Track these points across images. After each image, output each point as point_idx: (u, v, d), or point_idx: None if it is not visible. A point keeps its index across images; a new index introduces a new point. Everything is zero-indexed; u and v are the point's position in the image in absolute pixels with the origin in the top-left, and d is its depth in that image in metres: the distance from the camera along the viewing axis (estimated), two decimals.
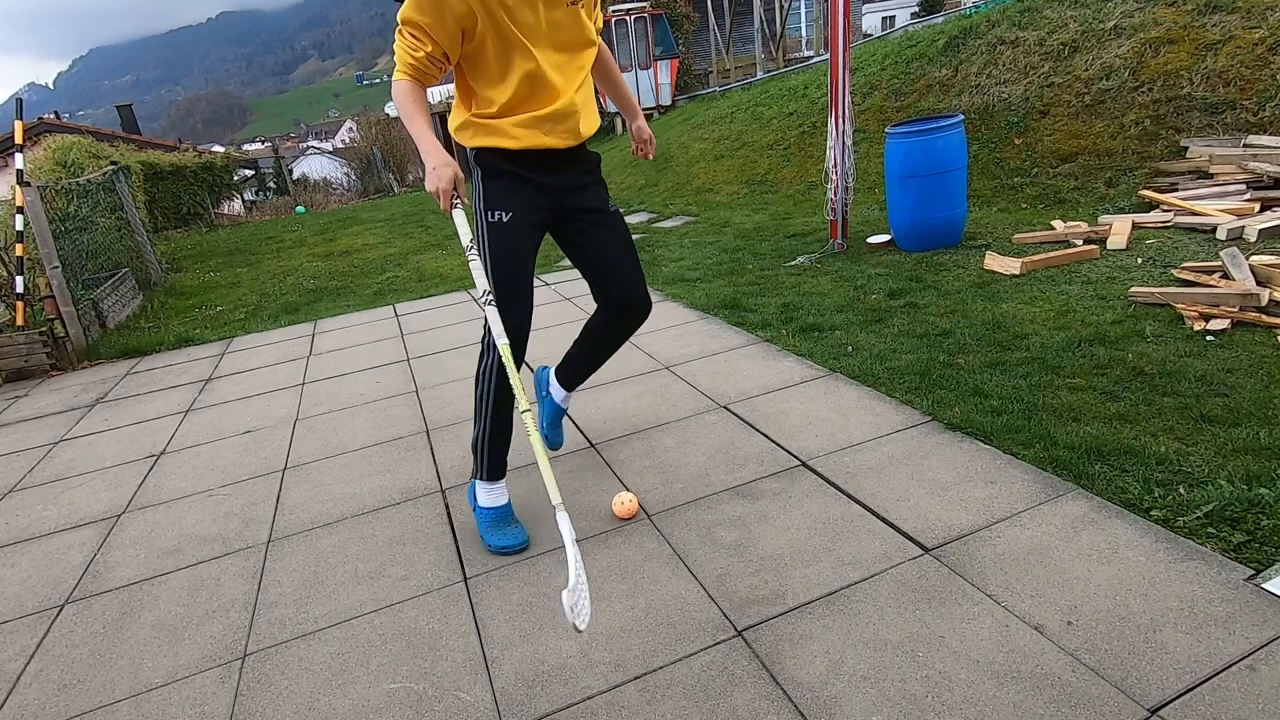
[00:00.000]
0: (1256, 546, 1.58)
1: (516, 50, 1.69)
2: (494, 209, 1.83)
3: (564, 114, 1.79)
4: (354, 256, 7.64)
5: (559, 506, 1.50)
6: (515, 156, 1.81)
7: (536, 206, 1.87)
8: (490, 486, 2.01)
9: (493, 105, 1.76)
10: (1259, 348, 2.55)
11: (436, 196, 1.72)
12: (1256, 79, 4.67)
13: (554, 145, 1.82)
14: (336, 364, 3.92)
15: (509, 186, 1.84)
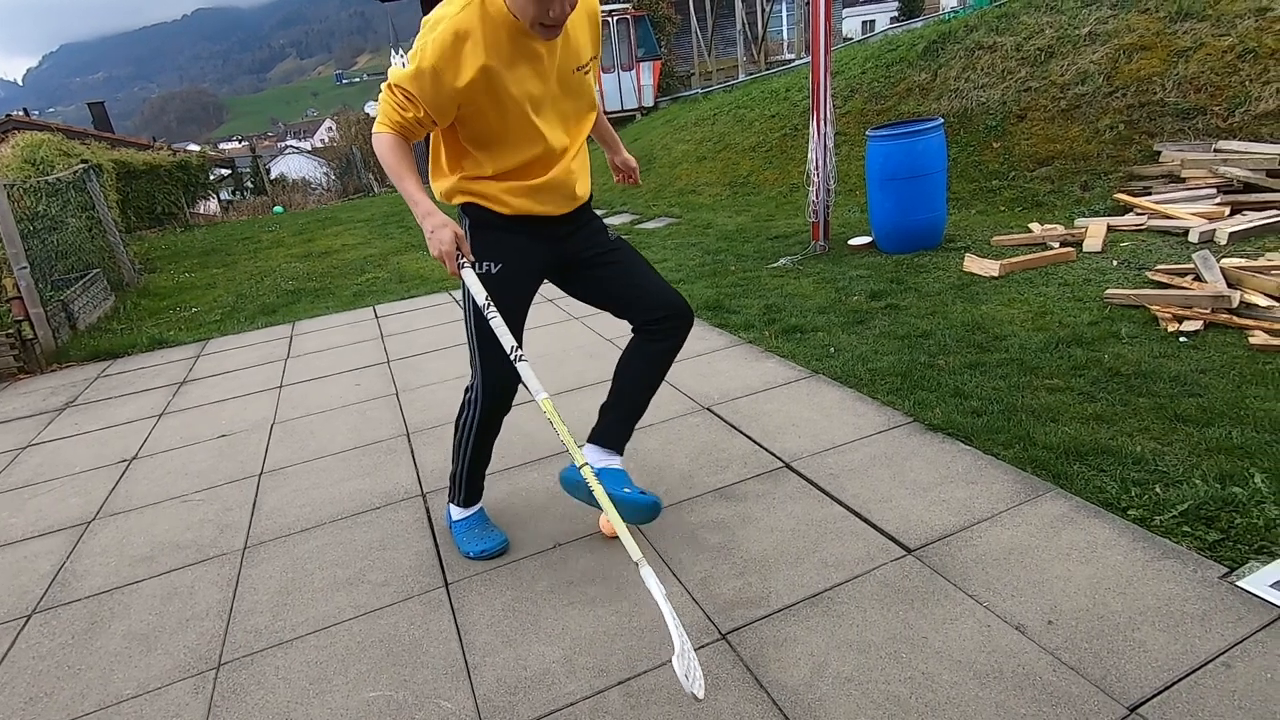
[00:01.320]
0: (1230, 545, 1.61)
1: (516, 119, 1.58)
2: (482, 260, 1.69)
3: (560, 183, 1.69)
4: (333, 257, 7.54)
5: (641, 562, 1.37)
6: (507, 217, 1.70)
7: (531, 257, 1.75)
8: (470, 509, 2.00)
9: (485, 169, 1.65)
10: (1231, 349, 2.60)
11: (440, 260, 1.59)
12: (1226, 85, 4.77)
13: (549, 213, 1.71)
14: (315, 366, 3.86)
15: (500, 239, 1.71)
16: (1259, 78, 4.66)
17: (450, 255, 1.58)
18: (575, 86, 1.66)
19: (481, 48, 1.47)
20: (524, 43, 1.51)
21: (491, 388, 1.76)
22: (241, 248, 9.12)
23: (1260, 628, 1.36)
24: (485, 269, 1.69)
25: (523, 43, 1.51)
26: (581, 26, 1.61)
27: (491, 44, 1.48)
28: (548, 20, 1.45)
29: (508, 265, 1.71)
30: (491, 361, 1.72)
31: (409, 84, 1.50)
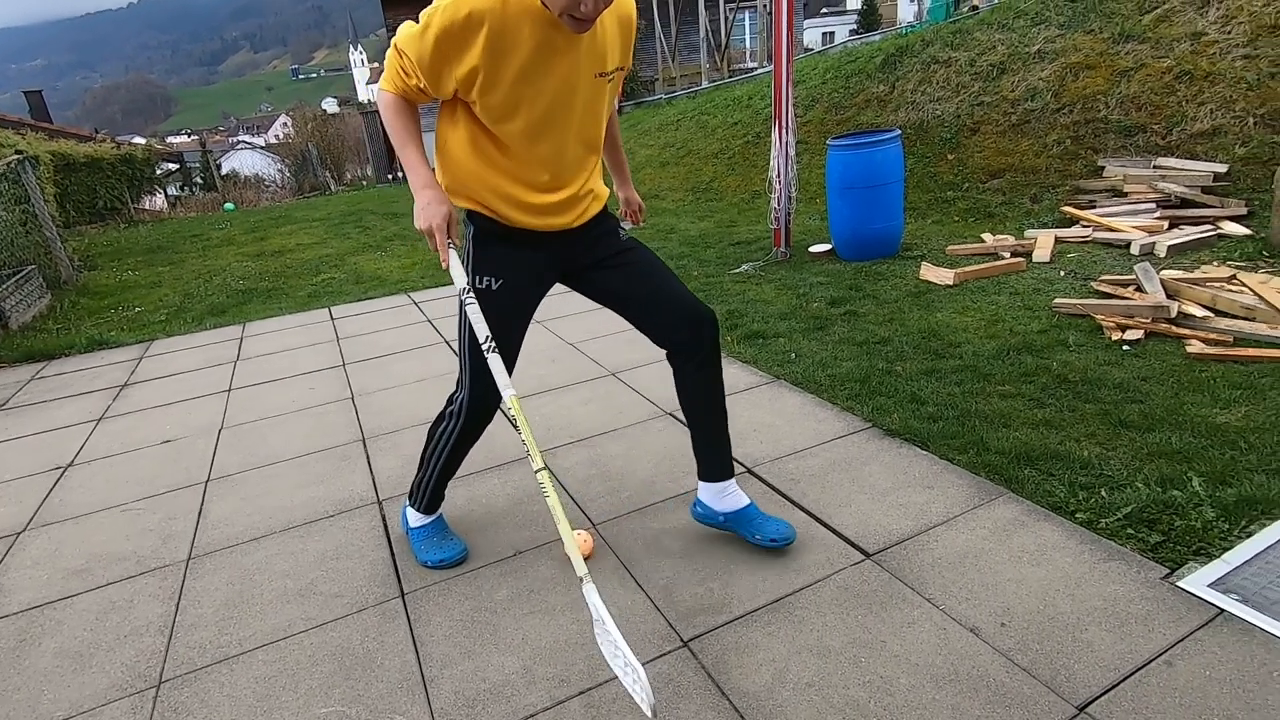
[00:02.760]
0: (1171, 546, 1.67)
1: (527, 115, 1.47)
2: (482, 275, 1.63)
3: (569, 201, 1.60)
4: (287, 257, 7.33)
5: (585, 578, 1.37)
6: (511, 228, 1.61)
7: (534, 269, 1.67)
8: (429, 516, 1.94)
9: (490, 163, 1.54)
10: (1170, 357, 2.71)
11: (427, 236, 1.51)
12: (1165, 105, 5.00)
13: (556, 228, 1.63)
14: (267, 369, 3.74)
15: (504, 252, 1.63)
16: (1194, 99, 4.89)
17: (439, 230, 1.51)
18: (594, 92, 1.53)
19: (490, 40, 1.36)
20: (549, 34, 1.39)
21: (478, 402, 1.70)
22: (190, 245, 8.80)
23: (1199, 626, 1.42)
24: (486, 284, 1.62)
25: (548, 34, 1.39)
26: (612, 29, 1.49)
27: (507, 35, 1.37)
28: (579, 13, 1.33)
29: (508, 282, 1.64)
30: (480, 371, 1.62)
31: (410, 49, 1.41)
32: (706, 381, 1.74)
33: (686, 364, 1.74)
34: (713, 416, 1.78)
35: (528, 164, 1.53)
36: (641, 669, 1.20)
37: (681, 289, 1.71)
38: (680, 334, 1.70)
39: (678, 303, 1.69)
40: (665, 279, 1.72)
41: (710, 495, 1.82)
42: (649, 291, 1.70)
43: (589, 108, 1.54)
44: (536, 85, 1.43)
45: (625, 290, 1.72)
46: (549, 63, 1.42)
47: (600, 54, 1.49)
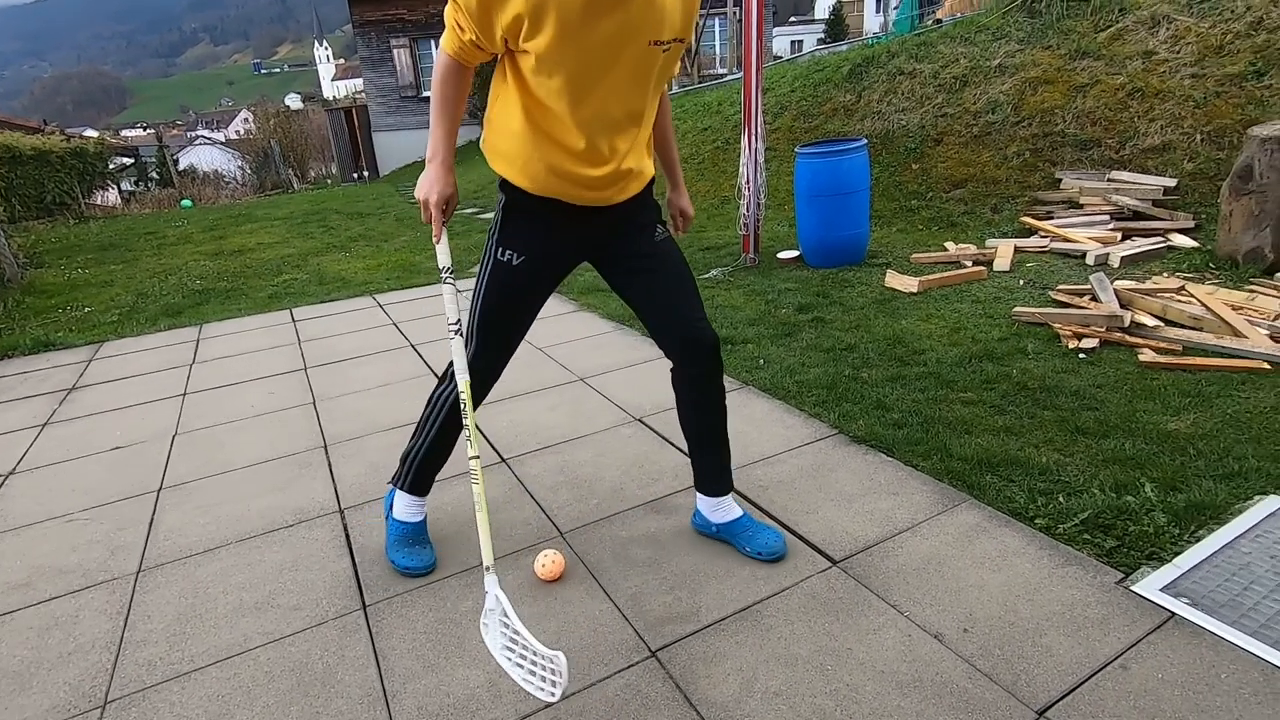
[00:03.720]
0: (1125, 551, 1.72)
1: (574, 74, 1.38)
2: (505, 248, 1.60)
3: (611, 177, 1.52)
4: (247, 256, 7.14)
5: (489, 568, 1.43)
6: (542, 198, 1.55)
7: (561, 252, 1.64)
8: (410, 499, 1.89)
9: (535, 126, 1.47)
10: (1123, 365, 2.80)
11: (421, 207, 1.52)
12: (1118, 120, 5.17)
13: (590, 203, 1.56)
14: (224, 372, 3.63)
15: (531, 227, 1.59)
16: (1145, 115, 5.07)
17: (435, 206, 1.51)
18: (645, 60, 1.42)
19: None
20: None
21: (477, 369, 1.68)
22: (144, 243, 8.52)
23: (1152, 630, 1.46)
24: (507, 258, 1.61)
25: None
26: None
27: None
28: None
29: (529, 260, 1.61)
30: (487, 342, 1.66)
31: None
32: (701, 403, 1.76)
33: (682, 384, 1.75)
34: (707, 435, 1.80)
35: (568, 128, 1.45)
36: (560, 655, 1.24)
37: (692, 308, 1.68)
38: (677, 354, 1.70)
39: (683, 323, 1.67)
40: (681, 294, 1.68)
41: (705, 506, 1.87)
42: (661, 304, 1.68)
43: (637, 75, 1.44)
44: (579, 41, 1.35)
45: (641, 296, 1.70)
46: (597, 18, 1.33)
47: (657, 20, 1.39)
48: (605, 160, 1.50)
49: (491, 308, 1.65)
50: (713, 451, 1.82)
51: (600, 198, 1.56)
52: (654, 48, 1.42)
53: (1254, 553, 1.66)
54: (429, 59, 19.86)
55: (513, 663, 1.33)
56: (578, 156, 1.48)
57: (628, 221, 1.65)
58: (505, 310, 1.65)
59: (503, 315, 1.66)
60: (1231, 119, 4.66)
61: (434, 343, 3.80)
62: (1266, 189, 3.54)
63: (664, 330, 1.69)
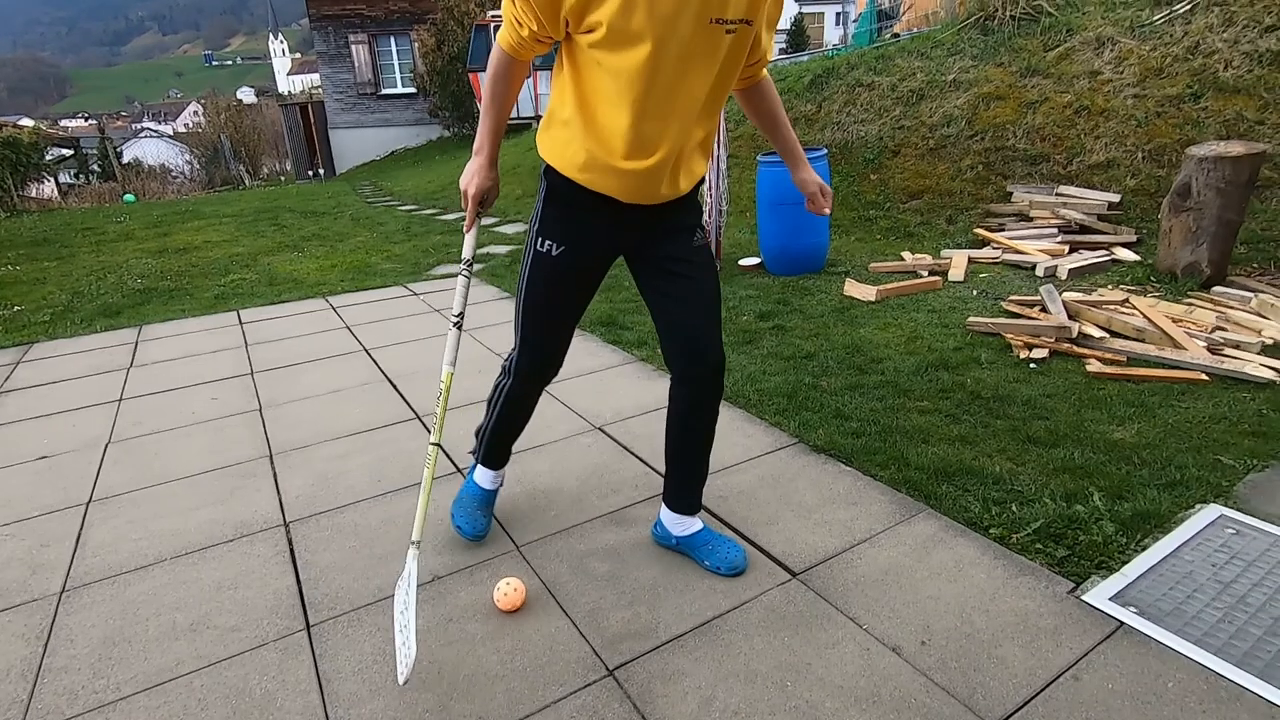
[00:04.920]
0: (1076, 561, 1.75)
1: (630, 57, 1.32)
2: (545, 238, 1.58)
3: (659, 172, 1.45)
4: (192, 254, 6.87)
5: (416, 544, 1.54)
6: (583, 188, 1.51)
7: (602, 243, 1.60)
8: (486, 470, 1.97)
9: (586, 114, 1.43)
10: (1072, 375, 2.87)
11: (462, 196, 1.57)
12: (1066, 136, 5.35)
13: (636, 201, 1.51)
14: (164, 377, 3.46)
15: (571, 216, 1.56)
16: (1091, 132, 5.26)
17: (472, 199, 1.56)
18: (705, 41, 1.33)
19: None
20: None
21: (526, 369, 1.73)
22: (82, 239, 8.12)
23: (1102, 640, 1.48)
24: (547, 248, 1.59)
25: None
26: None
27: None
28: None
29: (570, 250, 1.58)
30: (531, 341, 1.68)
31: None
32: (692, 423, 1.72)
33: (679, 398, 1.71)
34: (690, 454, 1.77)
35: (618, 113, 1.39)
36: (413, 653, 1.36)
37: (709, 326, 1.64)
38: (682, 368, 1.67)
39: (696, 340, 1.63)
40: (703, 308, 1.63)
41: (669, 520, 1.84)
42: (679, 314, 1.63)
43: (698, 57, 1.35)
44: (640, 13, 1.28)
45: (663, 300, 1.66)
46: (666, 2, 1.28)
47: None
48: (651, 151, 1.43)
49: (535, 301, 1.64)
50: (691, 471, 1.79)
51: (640, 194, 1.50)
52: (716, 26, 1.33)
53: (1195, 561, 1.71)
54: (388, 55, 19.51)
55: (398, 626, 1.42)
56: (624, 145, 1.42)
57: (667, 221, 1.61)
58: (549, 301, 1.64)
59: (548, 307, 1.65)
60: (1170, 138, 4.86)
61: (388, 347, 3.69)
62: (1203, 207, 3.69)
63: (675, 341, 1.65)
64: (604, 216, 1.55)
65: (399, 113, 19.70)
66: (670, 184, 1.51)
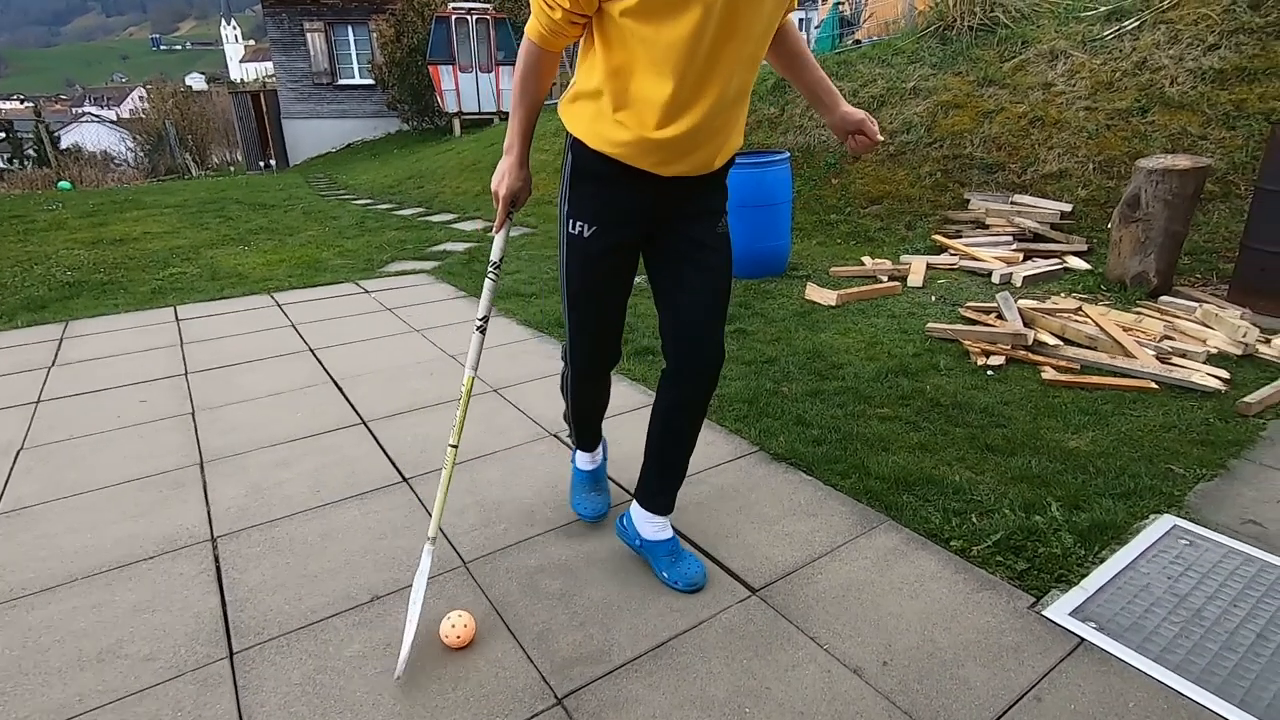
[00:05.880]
0: (1035, 574, 1.73)
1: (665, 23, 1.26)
2: (576, 219, 1.53)
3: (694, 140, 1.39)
4: (130, 246, 6.52)
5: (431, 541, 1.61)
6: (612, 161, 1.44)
7: (633, 217, 1.52)
8: (584, 453, 1.98)
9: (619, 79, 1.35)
10: (1027, 382, 2.89)
11: (493, 197, 1.54)
12: (1020, 146, 5.45)
13: (669, 174, 1.44)
14: (90, 377, 3.24)
15: (600, 192, 1.50)
16: (1045, 142, 5.37)
17: (503, 200, 1.53)
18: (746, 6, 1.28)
19: None
20: None
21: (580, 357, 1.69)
22: (8, 228, 7.64)
23: (1063, 658, 1.46)
24: (579, 230, 1.53)
25: None
26: None
27: None
28: None
29: (602, 230, 1.52)
30: (581, 328, 1.63)
31: None
32: (677, 420, 1.66)
33: (669, 392, 1.64)
34: (671, 452, 1.71)
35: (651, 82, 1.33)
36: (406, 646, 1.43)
37: (715, 322, 1.58)
38: (679, 363, 1.60)
39: (699, 336, 1.57)
40: (712, 302, 1.58)
41: (640, 518, 1.77)
42: (687, 304, 1.57)
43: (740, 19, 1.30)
44: None
45: (672, 286, 1.59)
46: None
47: None
48: (689, 120, 1.36)
49: (578, 288, 1.59)
50: (669, 469, 1.73)
51: (677, 164, 1.44)
52: None
53: (1152, 573, 1.70)
54: (345, 45, 18.98)
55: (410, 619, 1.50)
56: (661, 115, 1.35)
57: (696, 201, 1.54)
58: (592, 286, 1.59)
59: (591, 292, 1.59)
60: (1119, 151, 4.99)
61: (335, 348, 3.53)
62: (1152, 218, 3.78)
63: (676, 334, 1.59)
64: (635, 190, 1.48)
65: (356, 104, 19.19)
66: (707, 154, 1.45)
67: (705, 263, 1.56)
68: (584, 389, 1.79)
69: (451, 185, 9.74)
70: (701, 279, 1.56)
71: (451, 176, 10.24)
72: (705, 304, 1.56)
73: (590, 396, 1.82)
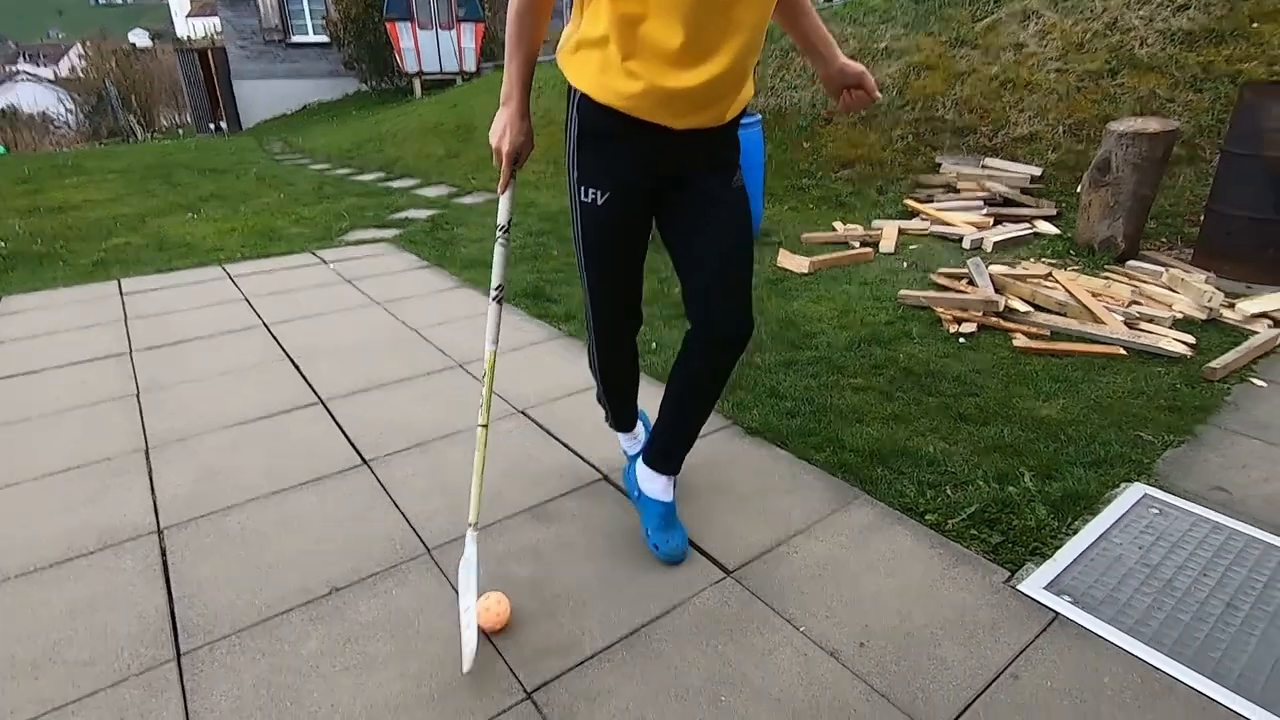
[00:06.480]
0: (1010, 547, 1.71)
1: None
2: (587, 185, 1.45)
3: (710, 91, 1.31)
4: (69, 215, 6.16)
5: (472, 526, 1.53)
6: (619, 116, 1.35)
7: (647, 178, 1.45)
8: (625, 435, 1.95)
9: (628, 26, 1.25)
10: (999, 349, 2.88)
11: (494, 154, 1.43)
12: (992, 109, 5.40)
13: (684, 127, 1.36)
14: (24, 357, 3.05)
15: (607, 153, 1.42)
16: (1016, 105, 5.32)
17: (507, 157, 1.43)
18: None
19: None
20: None
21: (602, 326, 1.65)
22: None
23: (1038, 633, 1.45)
24: (591, 198, 1.46)
25: None
26: None
27: None
28: None
29: (614, 195, 1.45)
30: (601, 295, 1.59)
31: None
32: (701, 383, 1.62)
33: (693, 355, 1.59)
34: (688, 413, 1.68)
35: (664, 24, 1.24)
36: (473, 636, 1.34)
37: (739, 285, 1.52)
38: (704, 330, 1.54)
39: (723, 301, 1.50)
40: (734, 262, 1.51)
41: (645, 475, 1.76)
42: (708, 268, 1.49)
43: None
44: None
45: (688, 248, 1.53)
46: None
47: None
48: (705, 67, 1.27)
49: (595, 258, 1.54)
50: (683, 431, 1.70)
51: (690, 116, 1.34)
52: None
53: (1124, 544, 1.70)
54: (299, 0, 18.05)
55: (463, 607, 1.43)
56: (673, 64, 1.26)
57: (709, 154, 1.46)
58: (609, 254, 1.54)
59: (609, 259, 1.55)
60: (1089, 114, 4.97)
61: (291, 322, 3.37)
62: (1121, 182, 3.77)
63: (701, 299, 1.52)
64: (645, 145, 1.39)
65: (311, 63, 18.34)
66: (720, 104, 1.37)
67: (721, 221, 1.49)
68: (609, 358, 1.73)
69: (413, 149, 9.40)
70: (719, 237, 1.49)
71: (413, 140, 9.87)
72: (729, 267, 1.49)
73: (617, 367, 1.77)
